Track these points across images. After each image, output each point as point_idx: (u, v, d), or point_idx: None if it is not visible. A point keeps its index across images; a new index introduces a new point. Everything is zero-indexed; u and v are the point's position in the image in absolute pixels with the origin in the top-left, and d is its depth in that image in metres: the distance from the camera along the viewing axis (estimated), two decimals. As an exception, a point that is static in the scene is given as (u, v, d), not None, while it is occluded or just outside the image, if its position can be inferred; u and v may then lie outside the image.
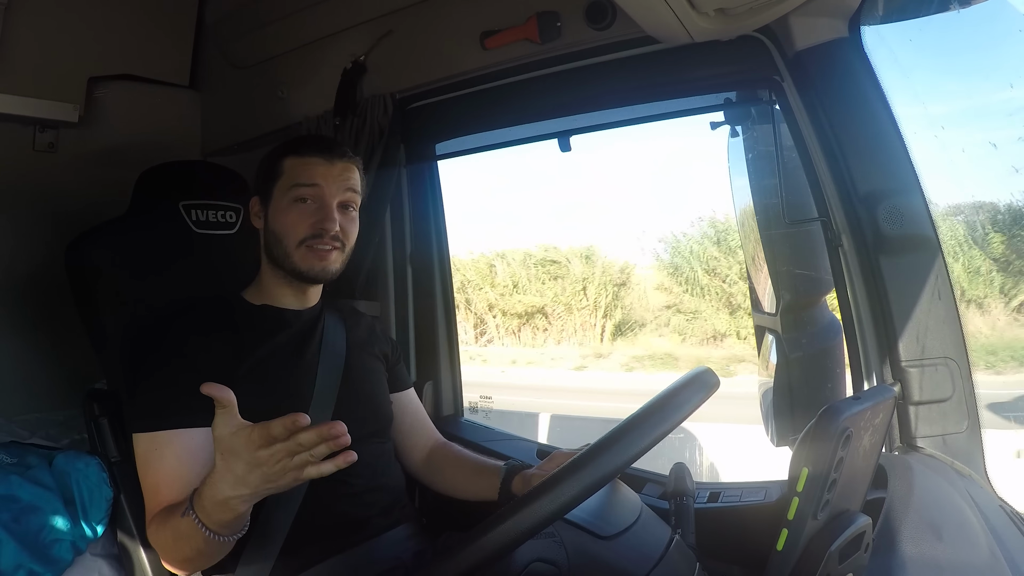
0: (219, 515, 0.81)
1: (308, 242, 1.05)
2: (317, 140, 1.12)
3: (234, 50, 1.73)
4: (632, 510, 0.93)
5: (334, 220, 1.05)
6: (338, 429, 0.71)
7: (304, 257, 1.05)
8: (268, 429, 0.73)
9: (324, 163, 1.06)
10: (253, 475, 0.75)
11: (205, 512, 0.81)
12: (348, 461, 0.74)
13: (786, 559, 0.68)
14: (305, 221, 1.05)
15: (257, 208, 1.10)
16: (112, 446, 1.12)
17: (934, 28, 1.12)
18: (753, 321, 1.49)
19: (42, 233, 1.53)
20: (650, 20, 1.11)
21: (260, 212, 1.10)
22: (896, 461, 1.00)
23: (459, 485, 1.18)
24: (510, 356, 9.96)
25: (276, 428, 0.72)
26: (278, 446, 0.73)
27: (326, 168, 1.06)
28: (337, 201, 1.06)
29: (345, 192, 1.07)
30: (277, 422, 0.72)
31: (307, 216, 1.05)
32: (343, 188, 1.07)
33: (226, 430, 0.77)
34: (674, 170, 15.06)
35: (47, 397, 1.57)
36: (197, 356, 0.99)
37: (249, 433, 0.75)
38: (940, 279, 1.09)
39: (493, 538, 0.66)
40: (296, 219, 1.05)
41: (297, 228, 1.05)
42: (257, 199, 1.10)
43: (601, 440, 0.72)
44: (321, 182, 1.05)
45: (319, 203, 1.05)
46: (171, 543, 0.89)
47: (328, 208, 1.05)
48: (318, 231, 1.04)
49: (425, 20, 1.45)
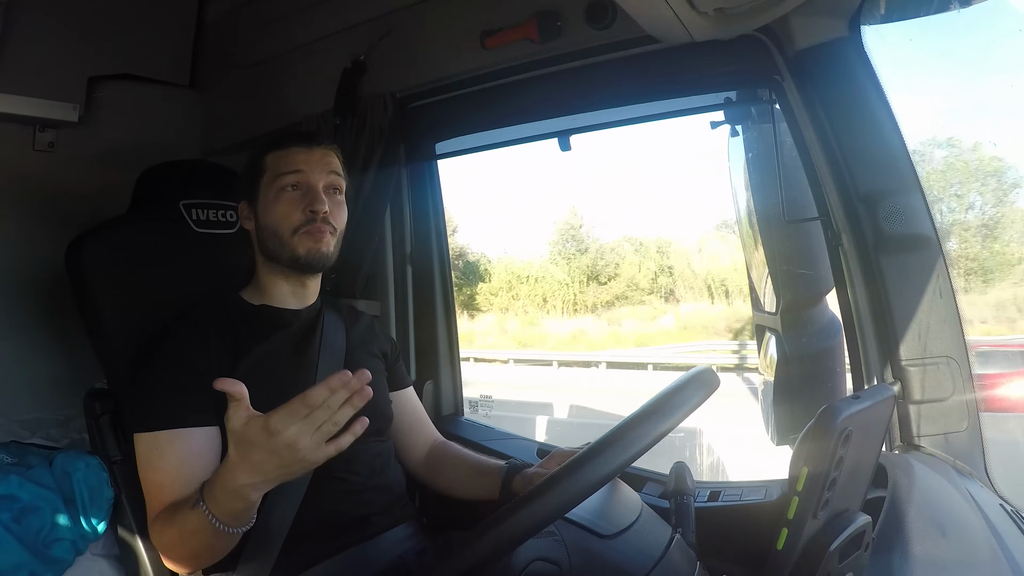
0: (231, 504, 0.81)
1: (302, 229, 1.05)
2: (294, 132, 1.14)
3: (234, 50, 1.73)
4: (632, 509, 0.93)
5: (323, 201, 1.06)
6: (363, 376, 0.75)
7: (301, 241, 1.06)
8: (306, 399, 0.75)
9: (304, 150, 1.08)
10: (269, 462, 0.77)
11: (216, 503, 0.82)
12: (363, 425, 0.78)
13: (786, 558, 0.68)
14: (295, 208, 1.06)
15: (246, 211, 1.11)
16: (113, 446, 1.12)
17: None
18: (753, 320, 1.49)
19: (42, 233, 1.53)
20: (650, 20, 1.11)
21: (249, 214, 1.11)
22: (896, 460, 1.00)
23: (459, 484, 1.18)
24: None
25: (319, 393, 0.75)
26: (302, 423, 0.75)
27: (307, 154, 1.08)
28: (322, 185, 1.08)
29: (329, 175, 1.09)
30: (319, 387, 0.75)
31: (296, 203, 1.06)
32: (326, 171, 1.09)
33: (239, 422, 0.77)
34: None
35: (47, 397, 1.57)
36: (197, 358, 0.99)
37: (264, 422, 0.76)
38: (940, 278, 1.09)
39: (493, 537, 0.66)
40: (286, 208, 1.06)
41: (289, 217, 1.06)
42: (245, 203, 1.11)
43: (600, 440, 0.72)
44: (304, 167, 1.07)
45: (305, 188, 1.07)
46: (177, 539, 0.89)
47: (315, 191, 1.07)
48: (309, 216, 1.05)
49: (425, 20, 1.45)
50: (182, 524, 0.87)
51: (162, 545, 0.94)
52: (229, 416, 0.78)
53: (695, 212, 17.95)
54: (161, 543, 0.94)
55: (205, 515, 0.82)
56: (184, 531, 0.87)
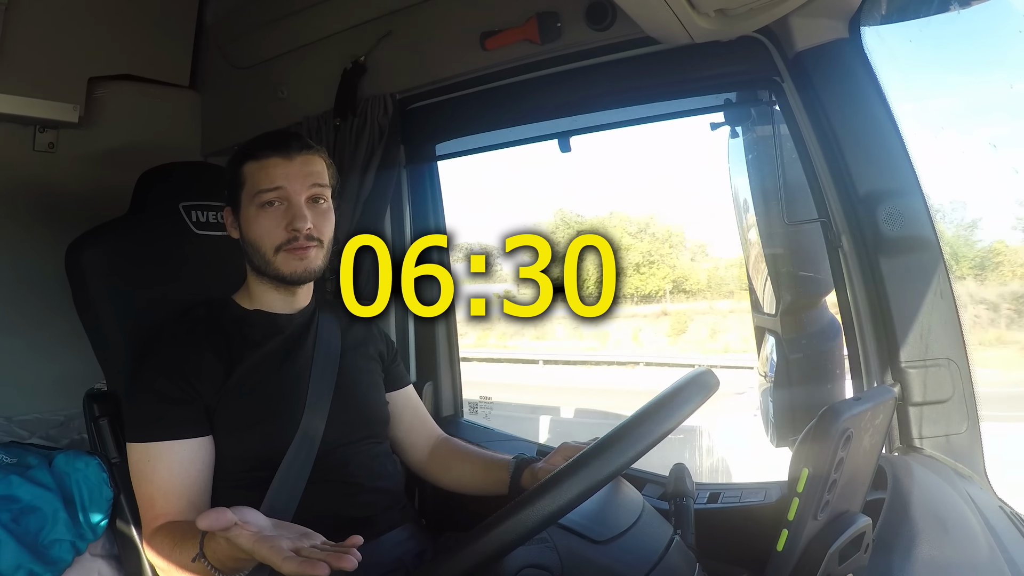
0: (237, 564, 0.78)
1: (285, 247, 1.02)
2: (272, 138, 1.06)
3: (234, 50, 1.73)
4: (632, 511, 0.93)
5: (305, 218, 1.02)
6: (352, 542, 0.72)
7: (285, 261, 1.03)
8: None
9: (283, 161, 1.02)
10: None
11: (220, 560, 0.78)
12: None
13: (786, 560, 0.68)
14: (277, 226, 1.02)
15: (231, 219, 1.08)
16: (112, 446, 1.11)
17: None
18: (753, 322, 1.49)
19: (42, 234, 1.52)
20: (650, 21, 1.11)
21: (234, 223, 1.08)
22: (896, 462, 1.00)
23: (467, 480, 1.17)
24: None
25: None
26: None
27: (285, 167, 1.02)
28: (304, 197, 1.03)
29: (311, 188, 1.04)
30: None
31: (278, 220, 1.02)
32: (307, 184, 1.03)
33: (248, 543, 0.72)
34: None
35: (47, 397, 1.57)
36: (189, 367, 0.99)
37: (273, 541, 0.72)
38: (940, 280, 1.09)
39: (493, 539, 0.66)
40: (268, 225, 1.02)
41: (271, 234, 1.02)
42: (229, 210, 1.08)
43: (601, 441, 0.72)
44: (283, 183, 1.02)
45: (286, 204, 1.02)
46: (175, 573, 0.88)
47: (296, 207, 1.02)
48: (292, 234, 1.02)
49: (425, 20, 1.45)
50: (180, 565, 0.85)
51: (156, 564, 0.93)
52: (237, 543, 0.73)
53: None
54: (155, 562, 0.93)
55: (207, 568, 0.79)
56: (181, 569, 0.85)
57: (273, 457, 0.99)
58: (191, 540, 0.83)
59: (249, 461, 1.00)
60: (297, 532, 0.76)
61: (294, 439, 1.00)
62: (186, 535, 0.86)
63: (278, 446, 0.99)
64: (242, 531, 0.71)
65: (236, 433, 0.99)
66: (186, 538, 0.86)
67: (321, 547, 0.72)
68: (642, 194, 16.97)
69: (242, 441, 0.99)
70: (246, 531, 0.72)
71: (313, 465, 1.01)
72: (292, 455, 1.00)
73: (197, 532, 0.81)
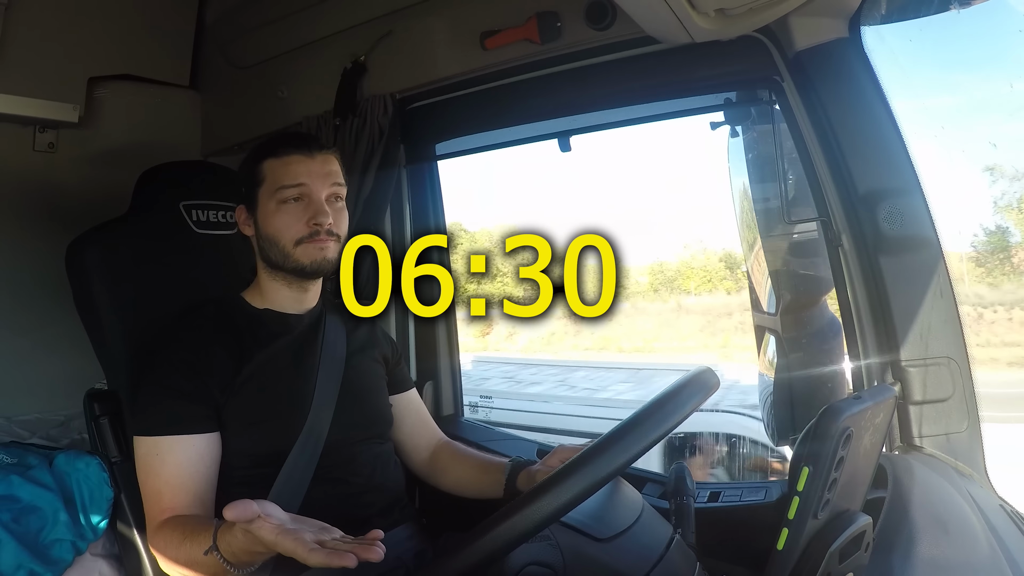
0: (251, 557, 0.78)
1: (305, 240, 1.04)
2: (292, 137, 1.10)
3: (234, 50, 1.73)
4: (632, 510, 0.93)
5: (327, 213, 1.04)
6: (374, 535, 0.72)
7: (305, 252, 1.04)
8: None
9: (305, 159, 1.05)
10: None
11: (234, 553, 0.78)
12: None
13: (787, 558, 0.69)
14: (298, 220, 1.04)
15: (244, 216, 1.09)
16: (112, 446, 1.12)
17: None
18: (753, 321, 1.49)
19: (42, 233, 1.52)
20: (650, 20, 1.11)
21: (248, 220, 1.09)
22: (896, 461, 1.00)
23: (464, 483, 1.18)
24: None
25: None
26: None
27: (308, 164, 1.05)
28: (325, 195, 1.05)
29: (331, 186, 1.06)
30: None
31: (299, 215, 1.04)
32: (329, 182, 1.06)
33: (271, 535, 0.72)
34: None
35: (47, 397, 1.57)
36: (200, 363, 0.99)
37: (296, 534, 0.71)
38: (940, 279, 1.09)
39: (493, 539, 0.66)
40: (289, 220, 1.04)
41: (291, 228, 1.04)
42: (243, 207, 1.09)
43: (600, 440, 0.72)
44: (306, 180, 1.04)
45: (308, 200, 1.05)
46: (182, 567, 0.88)
47: (318, 203, 1.04)
48: (313, 228, 1.04)
49: (425, 20, 1.45)
50: (190, 559, 0.85)
51: (160, 558, 0.93)
52: (259, 536, 0.72)
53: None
54: (159, 555, 0.93)
55: (219, 561, 0.79)
56: (192, 565, 0.85)
57: (278, 455, 1.00)
58: (202, 533, 0.83)
59: (254, 458, 1.00)
60: (316, 526, 0.75)
61: (299, 437, 1.01)
62: (197, 528, 0.86)
63: (284, 444, 1.00)
64: (264, 523, 0.71)
65: (243, 430, 1.00)
66: (197, 531, 0.86)
67: (343, 540, 0.72)
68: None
69: (249, 438, 1.00)
70: (268, 523, 0.72)
71: (317, 463, 1.01)
72: (297, 453, 1.00)
73: (208, 525, 0.81)
